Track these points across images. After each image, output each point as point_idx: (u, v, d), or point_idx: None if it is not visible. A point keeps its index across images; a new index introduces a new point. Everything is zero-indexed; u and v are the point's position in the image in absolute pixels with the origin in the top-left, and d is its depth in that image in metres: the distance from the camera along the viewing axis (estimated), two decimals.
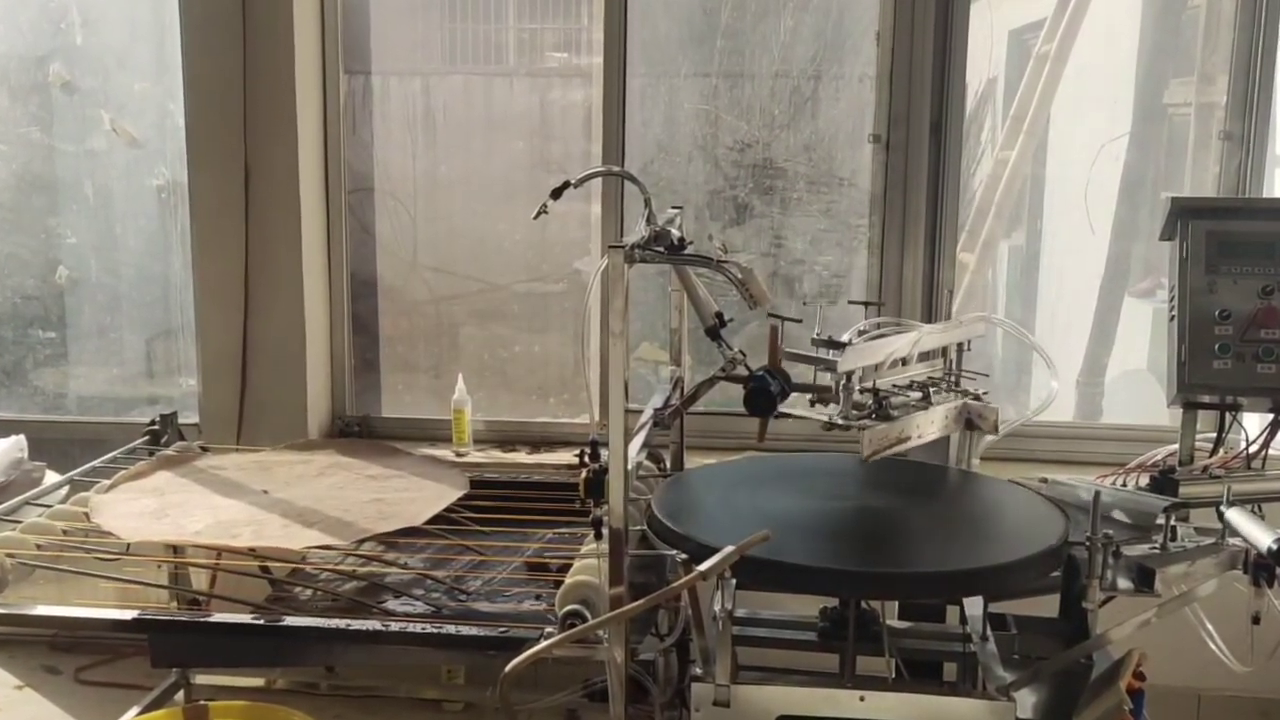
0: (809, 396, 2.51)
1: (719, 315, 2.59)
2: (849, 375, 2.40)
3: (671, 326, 2.94)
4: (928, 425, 2.50)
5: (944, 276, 3.68)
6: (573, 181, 2.51)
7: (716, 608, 2.16)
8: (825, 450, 2.93)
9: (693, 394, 2.69)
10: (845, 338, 2.53)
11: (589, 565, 2.32)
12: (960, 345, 2.66)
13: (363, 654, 2.51)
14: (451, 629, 2.36)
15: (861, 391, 2.43)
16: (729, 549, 2.04)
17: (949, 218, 3.67)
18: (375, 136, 4.05)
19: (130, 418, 4.12)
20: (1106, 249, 4.09)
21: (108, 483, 2.93)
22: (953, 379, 2.62)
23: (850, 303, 2.71)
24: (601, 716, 2.24)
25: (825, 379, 2.46)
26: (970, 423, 2.59)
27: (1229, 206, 2.98)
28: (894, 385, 2.52)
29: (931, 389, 2.56)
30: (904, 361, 2.54)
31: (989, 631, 2.33)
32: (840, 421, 2.42)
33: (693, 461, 2.98)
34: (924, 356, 2.62)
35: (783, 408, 2.44)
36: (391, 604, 2.62)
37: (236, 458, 3.20)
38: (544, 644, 2.13)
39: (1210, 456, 2.57)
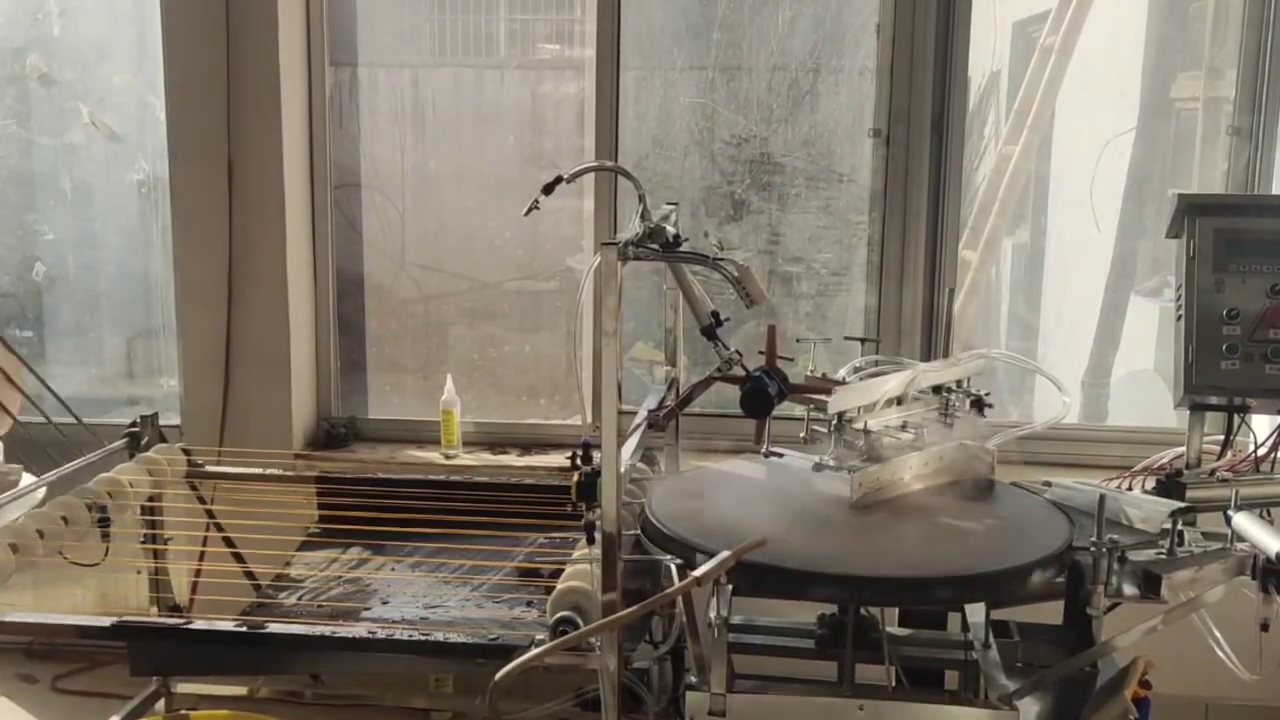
0: (801, 435, 2.52)
1: (715, 314, 2.59)
2: (840, 415, 2.41)
3: (666, 326, 2.95)
4: (921, 467, 2.50)
5: (946, 275, 3.68)
6: (565, 177, 2.51)
7: (712, 614, 2.16)
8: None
9: (688, 395, 2.69)
10: (840, 375, 2.54)
11: (581, 571, 2.32)
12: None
13: (348, 662, 2.52)
14: (439, 636, 2.36)
15: (854, 431, 2.44)
16: (725, 554, 2.04)
17: (951, 214, 3.67)
18: (362, 130, 4.05)
19: (110, 419, 4.12)
20: (1112, 247, 4.10)
21: None
22: (947, 420, 2.62)
23: (846, 339, 2.73)
24: None
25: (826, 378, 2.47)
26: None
27: (1237, 203, 2.98)
28: (886, 425, 2.53)
29: (925, 429, 2.56)
30: (899, 401, 2.55)
31: (991, 639, 2.34)
32: (831, 463, 2.43)
33: (688, 464, 2.98)
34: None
35: (775, 446, 2.46)
36: (378, 610, 2.62)
37: None
38: (534, 652, 2.13)
39: (1218, 459, 2.58)
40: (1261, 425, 2.57)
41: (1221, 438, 2.60)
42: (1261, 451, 2.52)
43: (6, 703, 3.71)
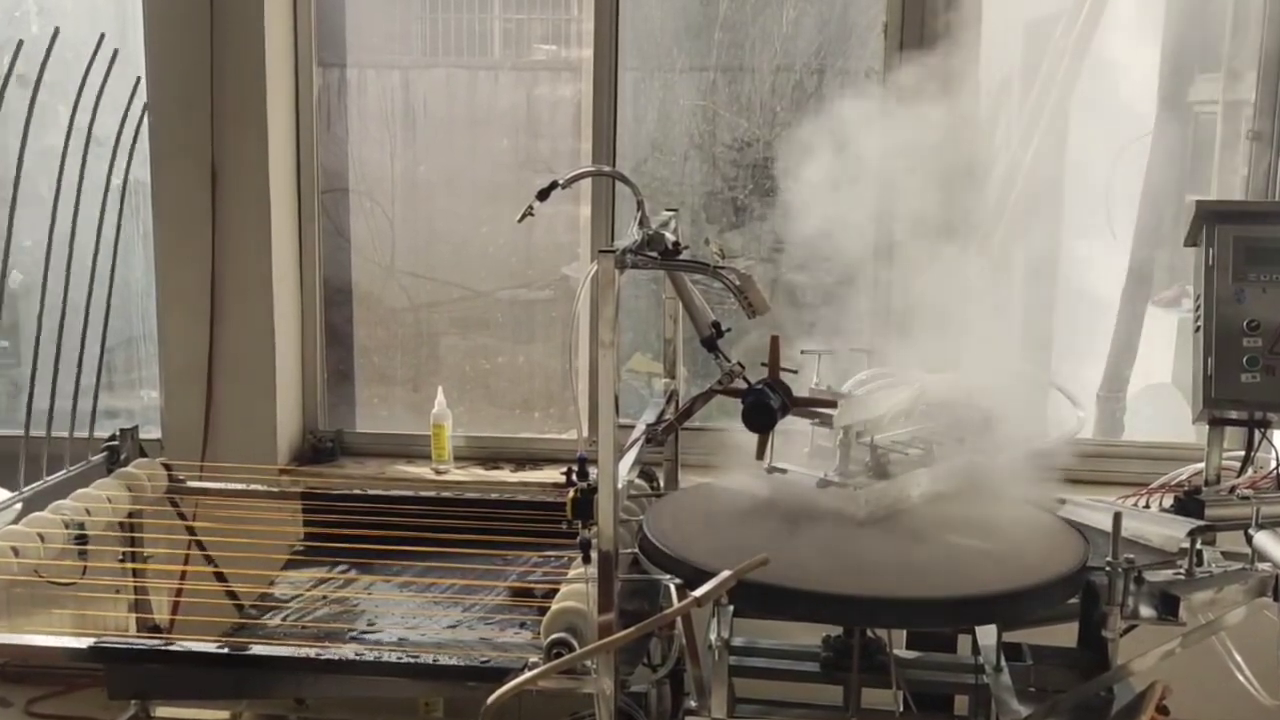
0: (805, 449, 2.53)
1: (716, 325, 2.60)
2: (846, 429, 2.41)
3: (665, 336, 2.95)
4: (930, 484, 2.51)
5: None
6: (561, 182, 2.52)
7: (712, 636, 2.16)
8: None
9: (688, 408, 2.69)
10: (845, 388, 2.55)
11: (576, 591, 2.32)
12: None
13: (335, 684, 2.51)
14: (429, 658, 2.36)
15: (861, 446, 2.45)
16: (725, 573, 2.04)
17: None
18: (351, 133, 4.05)
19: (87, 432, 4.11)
20: (1128, 255, 4.10)
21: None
22: (957, 435, 2.62)
23: (852, 350, 2.75)
24: None
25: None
26: None
27: (1257, 211, 2.99)
28: (894, 440, 2.53)
29: (934, 443, 2.57)
30: (907, 415, 2.55)
31: (1003, 662, 2.34)
32: (836, 479, 2.43)
33: (688, 480, 2.98)
34: None
35: (778, 461, 2.47)
36: (365, 631, 2.62)
37: None
38: (528, 675, 2.12)
39: (1238, 476, 2.58)
40: None
41: (1242, 453, 2.60)
42: None
43: None
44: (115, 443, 3.25)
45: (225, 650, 2.46)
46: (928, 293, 2.64)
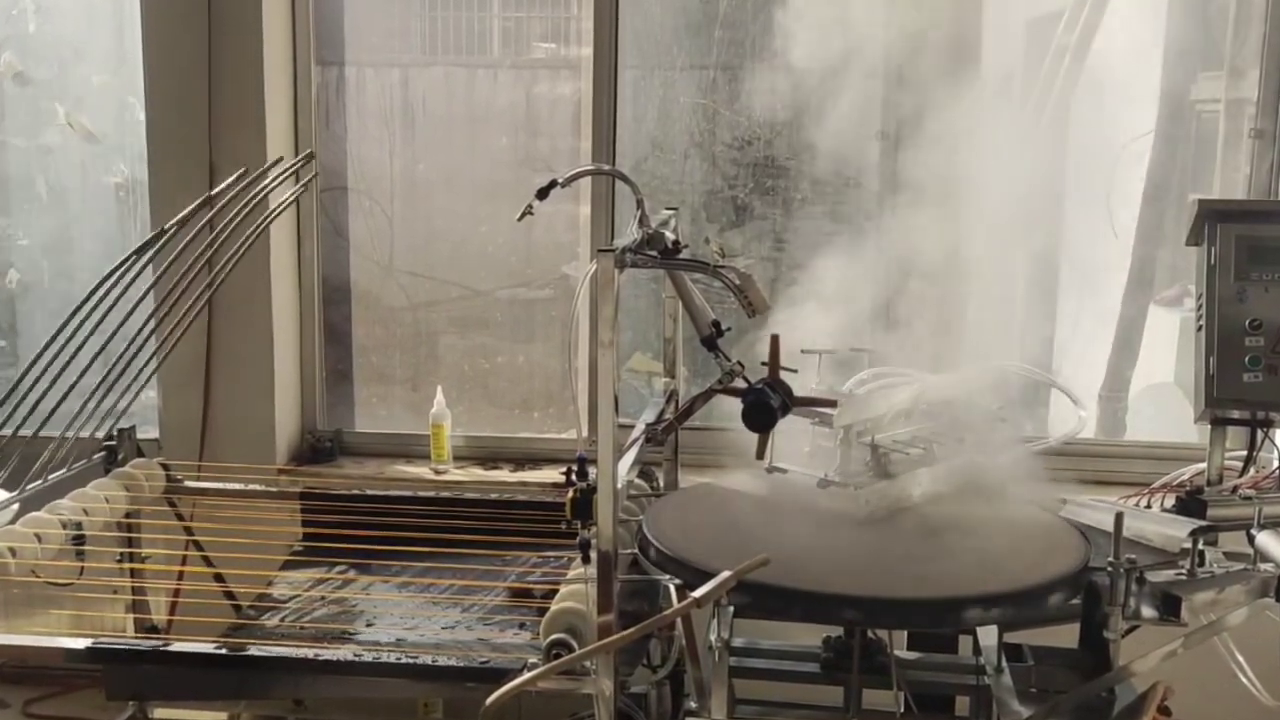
0: (805, 449, 2.53)
1: (716, 324, 2.59)
2: (847, 429, 2.41)
3: (665, 336, 2.95)
4: (930, 484, 2.50)
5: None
6: (560, 180, 2.52)
7: (712, 637, 2.16)
8: None
9: (687, 408, 2.69)
10: (845, 388, 2.55)
11: (576, 591, 2.32)
12: None
13: (333, 685, 2.51)
14: (428, 659, 2.36)
15: (860, 445, 2.45)
16: (726, 574, 2.04)
17: None
18: (349, 131, 4.05)
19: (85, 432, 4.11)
20: (1130, 254, 4.10)
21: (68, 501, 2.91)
22: (958, 435, 2.62)
23: (853, 350, 2.76)
24: None
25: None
26: None
27: (1260, 209, 2.98)
28: (894, 440, 2.53)
29: (935, 443, 2.57)
30: (908, 414, 2.55)
31: (1004, 663, 2.33)
32: (836, 479, 2.43)
33: (687, 480, 2.98)
34: None
35: (778, 461, 2.47)
36: (364, 632, 2.62)
37: None
38: (527, 675, 2.12)
39: (1240, 476, 2.58)
40: None
41: (1244, 453, 2.60)
42: None
43: None
44: (113, 443, 3.24)
45: (223, 651, 2.46)
46: None
